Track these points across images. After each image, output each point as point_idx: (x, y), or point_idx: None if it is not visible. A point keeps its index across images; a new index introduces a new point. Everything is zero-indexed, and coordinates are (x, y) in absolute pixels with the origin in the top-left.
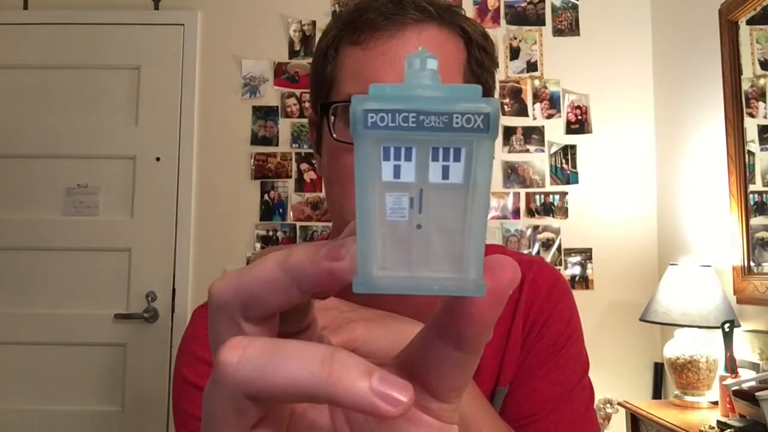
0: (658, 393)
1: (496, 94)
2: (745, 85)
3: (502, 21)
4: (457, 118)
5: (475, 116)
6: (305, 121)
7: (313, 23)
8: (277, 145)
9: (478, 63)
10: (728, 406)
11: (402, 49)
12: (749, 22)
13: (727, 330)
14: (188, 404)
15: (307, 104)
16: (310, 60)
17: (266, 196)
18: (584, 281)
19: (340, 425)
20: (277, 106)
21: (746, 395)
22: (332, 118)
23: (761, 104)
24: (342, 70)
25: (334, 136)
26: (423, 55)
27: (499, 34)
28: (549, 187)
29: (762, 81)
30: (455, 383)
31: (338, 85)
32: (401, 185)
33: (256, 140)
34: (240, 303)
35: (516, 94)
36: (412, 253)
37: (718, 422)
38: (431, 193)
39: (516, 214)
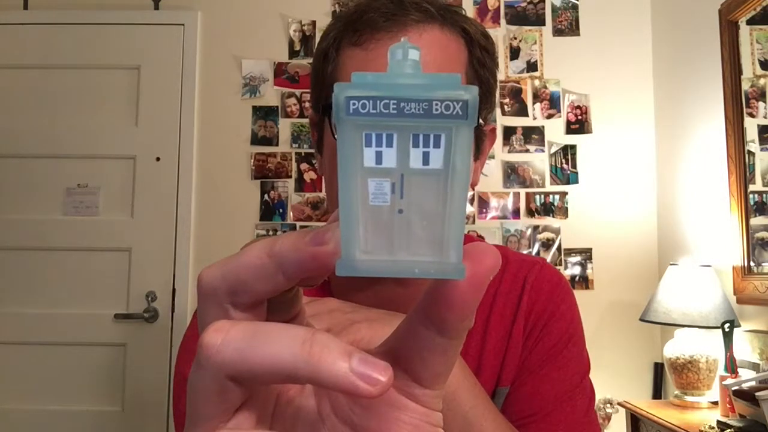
0: (658, 393)
1: (497, 94)
2: (745, 85)
3: (502, 21)
4: (436, 105)
5: (454, 103)
6: (305, 121)
7: (313, 23)
8: (277, 145)
9: (480, 63)
10: (728, 406)
11: None
12: (749, 22)
13: (727, 330)
14: None
15: (307, 104)
16: (310, 60)
17: (266, 196)
18: (584, 281)
19: (326, 413)
20: (277, 106)
21: (746, 395)
22: None
23: (761, 104)
24: (342, 71)
25: (335, 136)
26: (405, 46)
27: (499, 34)
28: (549, 187)
29: (762, 81)
30: (438, 369)
31: None
32: (383, 171)
33: (256, 140)
34: (227, 289)
35: (516, 94)
36: (393, 237)
37: (718, 422)
38: (412, 179)
39: (516, 214)
